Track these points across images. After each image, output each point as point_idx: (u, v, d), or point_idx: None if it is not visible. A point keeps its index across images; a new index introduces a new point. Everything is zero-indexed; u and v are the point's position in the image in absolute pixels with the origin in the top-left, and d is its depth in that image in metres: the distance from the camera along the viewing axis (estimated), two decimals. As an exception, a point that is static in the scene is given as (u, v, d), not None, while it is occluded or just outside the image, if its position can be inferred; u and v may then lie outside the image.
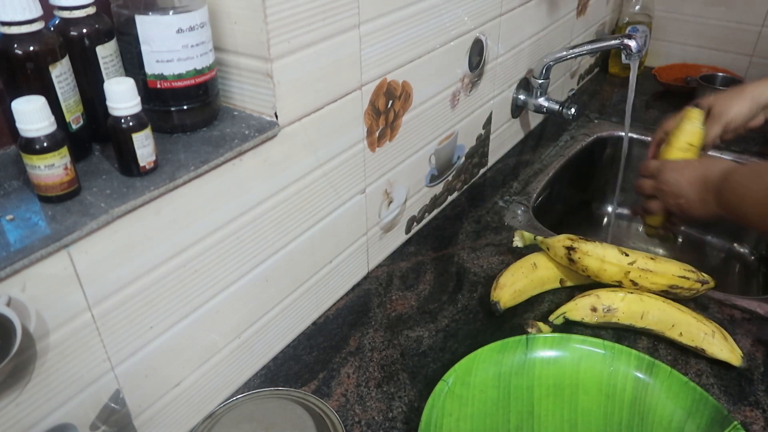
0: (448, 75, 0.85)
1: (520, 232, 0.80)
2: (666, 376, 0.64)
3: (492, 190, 1.03)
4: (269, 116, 0.59)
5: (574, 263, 0.75)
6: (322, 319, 0.76)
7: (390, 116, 0.75)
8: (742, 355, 0.68)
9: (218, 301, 0.60)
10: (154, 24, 0.51)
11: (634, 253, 0.74)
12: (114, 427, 0.53)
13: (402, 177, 0.83)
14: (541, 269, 0.78)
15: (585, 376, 0.66)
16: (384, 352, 0.71)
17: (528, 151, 1.16)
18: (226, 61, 0.59)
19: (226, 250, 0.58)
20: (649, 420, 0.62)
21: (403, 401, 0.65)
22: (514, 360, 0.66)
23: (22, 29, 0.45)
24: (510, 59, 1.01)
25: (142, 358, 0.54)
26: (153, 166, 0.50)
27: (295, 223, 0.66)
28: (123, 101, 0.48)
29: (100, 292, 0.48)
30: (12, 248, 0.42)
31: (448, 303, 0.78)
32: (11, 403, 0.44)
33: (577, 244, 0.75)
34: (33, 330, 0.44)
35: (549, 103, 1.10)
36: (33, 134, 0.44)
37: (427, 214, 0.94)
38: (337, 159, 0.69)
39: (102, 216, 0.46)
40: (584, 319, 0.73)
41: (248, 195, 0.59)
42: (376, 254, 0.84)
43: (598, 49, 1.11)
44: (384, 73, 0.71)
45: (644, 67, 1.49)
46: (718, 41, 1.42)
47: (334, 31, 0.61)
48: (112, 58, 0.52)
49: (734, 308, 0.77)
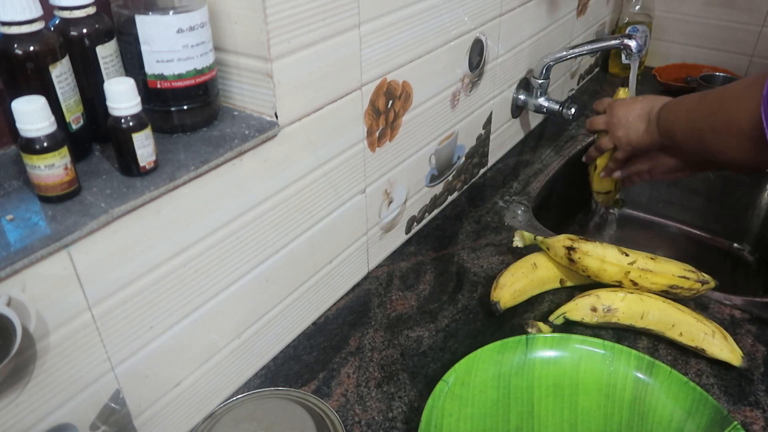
0: (448, 75, 0.85)
1: (520, 232, 0.80)
2: (666, 376, 0.64)
3: (492, 190, 1.03)
4: (269, 116, 0.59)
5: (574, 263, 0.75)
6: (322, 319, 0.76)
7: (390, 116, 0.75)
8: (742, 355, 0.68)
9: (218, 301, 0.60)
10: (154, 24, 0.51)
11: (634, 253, 0.74)
12: (114, 427, 0.53)
13: (402, 177, 0.83)
14: (541, 269, 0.78)
15: (585, 376, 0.66)
16: (384, 352, 0.71)
17: (528, 151, 1.16)
18: (226, 61, 0.59)
19: (226, 250, 0.58)
20: (649, 420, 0.62)
21: (403, 401, 0.65)
22: (514, 360, 0.66)
23: (22, 29, 0.45)
24: (510, 59, 1.01)
25: (142, 358, 0.54)
26: (153, 166, 0.50)
27: (295, 223, 0.66)
28: (123, 101, 0.48)
29: (100, 292, 0.48)
30: (12, 248, 0.42)
31: (448, 303, 0.78)
32: (11, 403, 0.44)
33: (577, 244, 0.75)
34: (33, 330, 0.44)
35: (549, 103, 1.10)
36: (33, 134, 0.44)
37: (427, 214, 0.94)
38: (337, 159, 0.69)
39: (102, 216, 0.46)
40: (584, 319, 0.73)
41: (248, 195, 0.59)
42: (376, 254, 0.84)
43: (598, 49, 1.11)
44: (384, 73, 0.71)
45: (644, 67, 1.49)
46: (718, 41, 1.42)
47: (334, 31, 0.61)
48: (112, 58, 0.52)
49: (734, 308, 0.77)
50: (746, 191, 1.17)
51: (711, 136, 0.72)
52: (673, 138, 0.79)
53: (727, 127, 0.69)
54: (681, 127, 0.77)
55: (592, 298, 0.73)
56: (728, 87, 0.71)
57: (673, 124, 0.79)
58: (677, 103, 0.79)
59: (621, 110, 0.88)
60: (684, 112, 0.77)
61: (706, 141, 0.73)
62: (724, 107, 0.69)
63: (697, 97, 0.76)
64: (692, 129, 0.75)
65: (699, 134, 0.74)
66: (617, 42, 1.00)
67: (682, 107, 0.78)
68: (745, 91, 0.66)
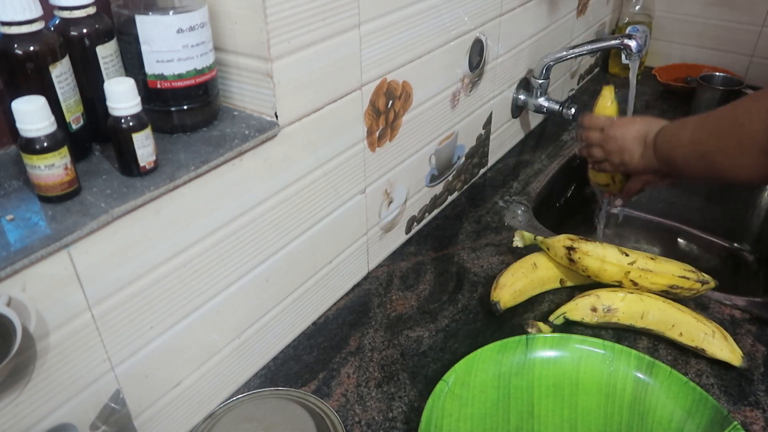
0: (449, 75, 0.85)
1: (521, 233, 0.80)
2: (666, 376, 0.64)
3: (492, 190, 1.03)
4: (269, 116, 0.59)
5: (574, 263, 0.75)
6: (322, 319, 0.76)
7: (390, 116, 0.75)
8: (743, 355, 0.68)
9: (218, 301, 0.60)
10: (154, 24, 0.51)
11: (634, 253, 0.74)
12: (114, 427, 0.53)
13: (402, 177, 0.83)
14: (541, 269, 0.78)
15: (585, 376, 0.66)
16: (384, 352, 0.71)
17: (528, 151, 1.16)
18: (226, 61, 0.59)
19: (227, 250, 0.58)
20: (649, 420, 0.62)
21: (403, 401, 0.65)
22: (514, 360, 0.66)
23: (23, 29, 0.45)
24: (510, 59, 1.01)
25: (142, 358, 0.54)
26: (153, 166, 0.50)
27: (295, 223, 0.66)
28: (123, 101, 0.48)
29: (101, 292, 0.48)
30: (12, 248, 0.42)
31: (448, 303, 0.78)
32: (11, 403, 0.44)
33: (577, 244, 0.75)
34: (33, 330, 0.44)
35: (549, 103, 1.10)
36: (33, 134, 0.44)
37: (428, 214, 0.94)
38: (337, 159, 0.69)
39: (102, 216, 0.46)
40: (584, 319, 0.73)
41: (248, 195, 0.59)
42: (376, 254, 0.84)
43: (598, 49, 1.11)
44: (384, 73, 0.71)
45: (644, 67, 1.49)
46: (718, 41, 1.42)
47: (334, 31, 0.61)
48: (113, 58, 0.52)
49: (734, 308, 0.77)
50: (746, 191, 1.17)
51: (719, 156, 0.69)
52: (673, 163, 0.77)
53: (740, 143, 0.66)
54: (682, 151, 0.75)
55: (592, 298, 0.73)
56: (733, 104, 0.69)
57: (672, 150, 0.77)
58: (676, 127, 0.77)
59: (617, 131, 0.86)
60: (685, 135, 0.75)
61: (713, 162, 0.70)
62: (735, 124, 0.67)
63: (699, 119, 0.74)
64: (696, 152, 0.72)
65: (705, 156, 0.71)
66: (617, 42, 1.00)
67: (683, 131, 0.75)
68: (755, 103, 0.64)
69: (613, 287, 0.75)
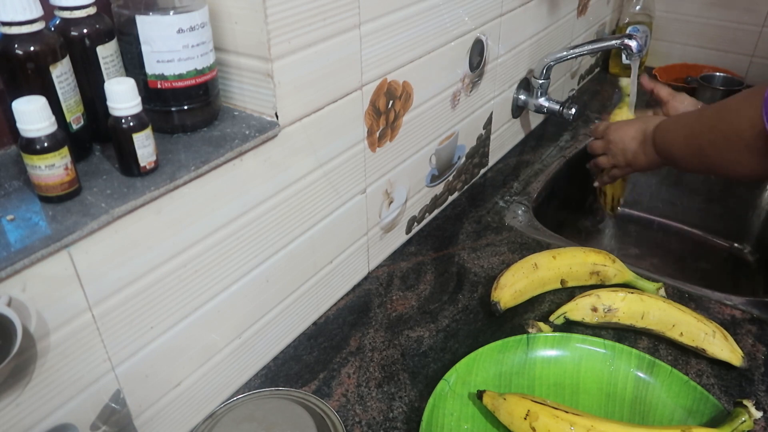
0: (449, 75, 0.85)
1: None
2: (666, 375, 0.64)
3: (492, 190, 1.03)
4: (270, 116, 0.59)
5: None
6: (322, 319, 0.76)
7: (390, 116, 0.75)
8: (743, 355, 0.68)
9: (219, 302, 0.60)
10: (155, 24, 0.51)
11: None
12: (114, 427, 0.53)
13: (402, 177, 0.83)
14: (541, 269, 0.78)
15: (586, 376, 0.66)
16: (384, 352, 0.71)
17: (528, 152, 1.16)
18: (227, 61, 0.59)
19: (227, 250, 0.58)
20: (650, 419, 0.62)
21: (403, 401, 0.65)
22: (515, 359, 0.66)
23: (23, 29, 0.45)
24: (510, 59, 1.01)
25: (143, 359, 0.54)
26: (153, 166, 0.50)
27: (295, 224, 0.66)
28: (123, 101, 0.48)
29: (101, 292, 0.48)
30: (12, 248, 0.42)
31: (448, 303, 0.78)
32: (12, 404, 0.44)
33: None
34: (33, 330, 0.44)
35: (549, 104, 1.10)
36: (33, 134, 0.44)
37: (428, 214, 0.94)
38: (338, 159, 0.69)
39: (102, 216, 0.46)
40: (585, 319, 0.73)
41: (249, 195, 0.59)
42: (376, 254, 0.84)
43: (598, 49, 1.11)
44: (384, 74, 0.71)
45: (644, 67, 1.49)
46: (718, 41, 1.42)
47: (334, 32, 0.61)
48: (113, 58, 0.52)
49: (735, 308, 0.77)
50: (746, 191, 1.17)
51: (712, 151, 0.71)
52: (672, 157, 0.79)
53: (727, 139, 0.67)
54: (679, 145, 0.77)
55: (592, 298, 0.73)
56: (727, 100, 0.70)
57: (670, 144, 0.79)
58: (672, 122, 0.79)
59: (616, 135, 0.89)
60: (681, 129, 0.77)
61: (706, 157, 0.72)
62: (725, 119, 0.68)
63: (693, 114, 0.75)
64: (691, 146, 0.74)
65: (699, 151, 0.73)
66: (618, 42, 1.00)
67: (678, 125, 0.77)
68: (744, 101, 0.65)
69: (614, 287, 0.75)
